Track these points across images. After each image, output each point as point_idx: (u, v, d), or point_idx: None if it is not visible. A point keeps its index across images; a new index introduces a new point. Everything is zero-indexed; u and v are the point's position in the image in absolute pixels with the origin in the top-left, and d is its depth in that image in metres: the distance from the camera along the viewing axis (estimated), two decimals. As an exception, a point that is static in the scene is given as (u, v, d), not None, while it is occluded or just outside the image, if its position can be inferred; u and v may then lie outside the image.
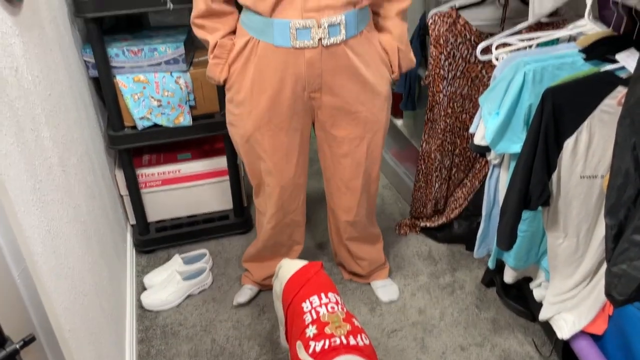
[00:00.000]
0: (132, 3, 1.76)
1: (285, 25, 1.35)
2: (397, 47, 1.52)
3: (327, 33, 1.36)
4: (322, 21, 1.35)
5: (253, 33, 1.41)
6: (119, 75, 1.90)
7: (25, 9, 1.28)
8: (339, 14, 1.36)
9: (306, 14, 1.34)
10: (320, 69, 1.41)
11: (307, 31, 1.35)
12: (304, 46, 1.37)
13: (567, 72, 1.35)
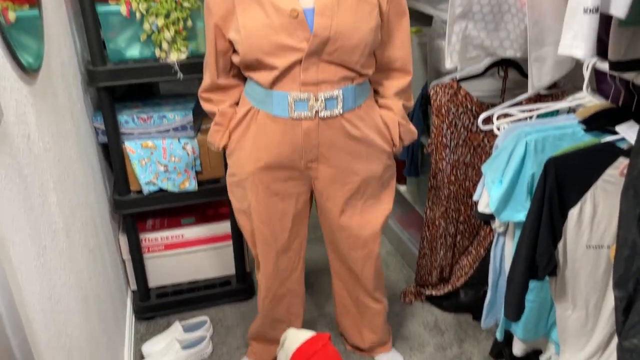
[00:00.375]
0: (143, 73, 1.82)
1: (284, 97, 1.39)
2: (397, 122, 1.56)
3: (324, 106, 1.40)
4: (319, 95, 1.39)
5: (254, 102, 1.46)
6: (127, 141, 1.94)
7: (41, 79, 1.33)
8: (336, 89, 1.41)
9: (304, 87, 1.38)
10: (316, 139, 1.44)
11: (304, 103, 1.40)
12: (301, 117, 1.41)
13: (568, 143, 1.37)
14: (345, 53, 1.36)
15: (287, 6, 1.32)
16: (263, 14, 1.33)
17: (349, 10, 1.34)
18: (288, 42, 1.33)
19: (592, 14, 1.01)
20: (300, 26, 1.32)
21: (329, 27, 1.32)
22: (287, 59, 1.35)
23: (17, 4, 1.25)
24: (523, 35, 1.51)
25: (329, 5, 1.33)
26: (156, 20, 1.73)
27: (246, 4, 1.35)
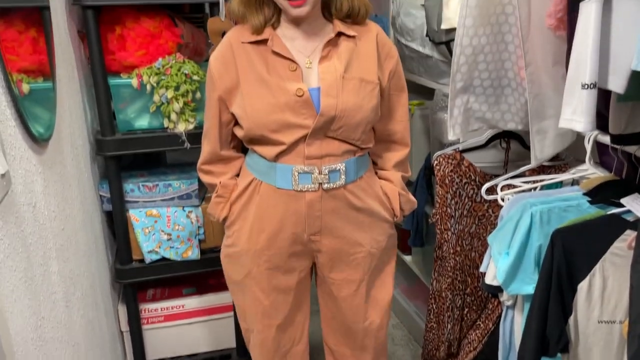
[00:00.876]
0: (151, 143, 1.86)
1: (287, 169, 1.40)
2: (398, 192, 1.57)
3: (328, 178, 1.42)
4: (322, 168, 1.41)
5: (256, 174, 1.46)
6: (132, 210, 1.94)
7: (50, 148, 1.35)
8: (340, 162, 1.42)
9: (308, 161, 1.40)
10: (320, 210, 1.44)
11: (308, 176, 1.41)
12: (305, 189, 1.41)
13: (574, 215, 1.36)
14: (348, 130, 1.40)
15: (293, 86, 1.35)
16: (269, 93, 1.36)
17: (352, 90, 1.38)
18: (294, 120, 1.36)
19: (590, 89, 1.03)
20: (305, 105, 1.35)
21: (334, 106, 1.36)
22: (293, 136, 1.37)
23: (31, 77, 1.29)
24: (524, 108, 1.54)
25: (334, 86, 1.37)
26: (166, 92, 1.79)
27: (251, 81, 1.38)
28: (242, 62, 1.39)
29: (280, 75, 1.37)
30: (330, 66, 1.38)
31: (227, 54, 1.41)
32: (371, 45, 1.43)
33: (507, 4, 1.45)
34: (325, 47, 1.39)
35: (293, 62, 1.37)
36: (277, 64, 1.38)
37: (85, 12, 1.70)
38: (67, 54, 1.68)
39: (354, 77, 1.39)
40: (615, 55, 1.02)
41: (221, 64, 1.41)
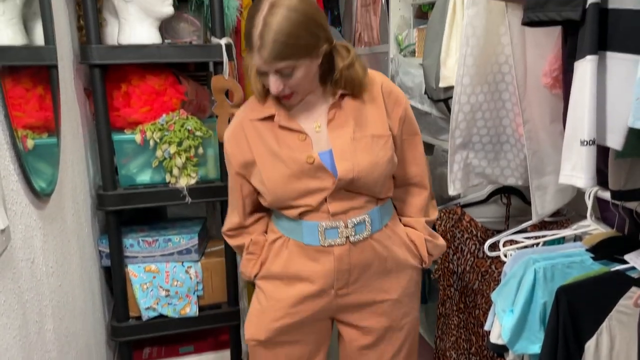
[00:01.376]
0: (153, 198, 1.86)
1: (313, 226, 1.40)
2: (424, 239, 1.54)
3: (354, 231, 1.41)
4: (348, 221, 1.41)
5: (283, 232, 1.47)
6: (130, 265, 1.92)
7: (52, 203, 1.35)
8: (364, 213, 1.42)
9: (333, 217, 1.40)
10: (349, 264, 1.43)
11: (334, 231, 1.41)
12: (333, 244, 1.41)
13: (578, 271, 1.35)
14: (367, 186, 1.40)
15: (302, 155, 1.36)
16: (283, 165, 1.37)
17: (365, 148, 1.38)
18: (313, 185, 1.37)
19: (590, 146, 1.04)
20: (320, 169, 1.36)
21: (351, 169, 1.36)
22: (315, 199, 1.38)
23: (36, 133, 1.31)
24: (523, 164, 1.56)
25: (347, 149, 1.37)
26: (169, 147, 1.81)
27: (265, 156, 1.39)
28: (253, 138, 1.41)
29: (290, 147, 1.38)
30: (339, 128, 1.39)
31: (239, 133, 1.43)
32: (377, 97, 1.43)
33: (503, 63, 1.49)
34: (330, 110, 1.40)
35: (302, 133, 1.39)
36: (286, 137, 1.39)
37: (92, 71, 1.75)
38: (73, 111, 1.71)
39: (364, 135, 1.39)
40: (612, 112, 1.04)
41: (234, 143, 1.44)
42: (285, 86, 1.30)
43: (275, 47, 1.22)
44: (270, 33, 1.22)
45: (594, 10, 1.01)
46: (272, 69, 1.26)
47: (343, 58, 1.36)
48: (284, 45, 1.22)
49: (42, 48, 1.39)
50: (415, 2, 2.37)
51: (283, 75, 1.28)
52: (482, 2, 1.40)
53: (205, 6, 1.90)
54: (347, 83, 1.37)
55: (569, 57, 1.12)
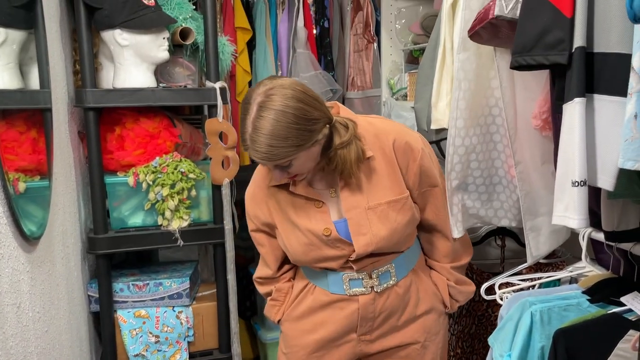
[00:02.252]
0: (144, 241, 1.84)
1: (338, 276, 1.40)
2: (446, 284, 1.52)
3: (379, 281, 1.41)
4: (372, 272, 1.40)
5: (310, 279, 1.47)
6: (120, 310, 1.88)
7: (41, 246, 1.33)
8: (389, 262, 1.42)
9: (358, 270, 1.40)
10: (373, 312, 1.42)
11: (359, 281, 1.40)
12: (358, 293, 1.41)
13: (574, 314, 1.33)
14: (389, 248, 1.40)
15: (319, 227, 1.35)
16: (301, 234, 1.37)
17: (381, 217, 1.34)
18: (332, 253, 1.37)
19: (581, 187, 1.04)
20: (337, 241, 1.36)
21: (369, 243, 1.35)
22: (337, 263, 1.39)
23: (28, 175, 1.31)
24: (516, 205, 1.55)
25: (363, 222, 1.34)
26: (161, 190, 1.80)
27: (283, 222, 1.40)
28: (272, 204, 1.41)
29: (308, 215, 1.37)
30: (351, 200, 1.36)
31: (258, 195, 1.43)
32: (389, 158, 1.36)
33: (493, 106, 1.51)
34: (341, 179, 1.35)
35: (319, 201, 1.37)
36: (303, 204, 1.38)
37: (86, 114, 1.76)
38: (66, 154, 1.71)
39: (380, 203, 1.35)
40: (602, 153, 1.05)
41: (254, 204, 1.44)
42: (288, 174, 1.28)
43: (268, 151, 1.18)
44: (260, 137, 1.17)
45: (580, 54, 1.03)
46: (270, 164, 1.24)
47: (340, 136, 1.29)
48: (276, 148, 1.18)
49: (37, 92, 1.40)
50: (406, 48, 2.43)
51: (282, 168, 1.25)
52: (472, 47, 1.43)
53: (201, 51, 1.94)
54: (339, 163, 1.30)
55: (557, 99, 1.14)
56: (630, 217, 1.19)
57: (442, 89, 1.64)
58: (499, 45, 1.35)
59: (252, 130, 1.18)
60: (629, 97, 0.91)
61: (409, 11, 2.44)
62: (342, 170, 1.31)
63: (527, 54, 1.11)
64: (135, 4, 1.72)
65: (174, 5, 1.88)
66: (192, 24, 1.89)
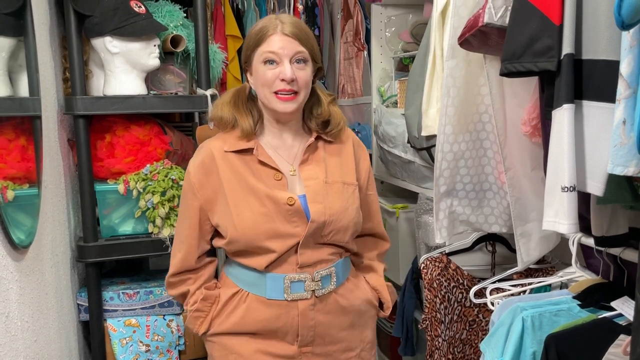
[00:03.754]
0: (135, 249, 1.83)
1: (279, 279, 1.35)
2: (384, 284, 1.54)
3: (320, 284, 1.39)
4: (315, 274, 1.38)
5: (242, 285, 1.39)
6: (109, 319, 1.86)
7: (30, 255, 1.32)
8: (330, 265, 1.40)
9: (301, 269, 1.37)
10: (313, 319, 1.39)
11: (300, 284, 1.37)
12: (297, 298, 1.37)
13: (565, 319, 1.34)
14: (338, 234, 1.39)
15: (283, 195, 1.34)
16: (258, 202, 1.33)
17: (336, 194, 1.39)
18: (285, 229, 1.34)
19: (570, 192, 1.05)
20: (296, 213, 1.34)
21: (323, 212, 1.35)
22: (285, 244, 1.34)
23: (17, 184, 1.30)
24: (507, 211, 1.57)
25: (320, 192, 1.37)
26: (152, 197, 1.79)
27: (237, 190, 1.35)
28: (225, 171, 1.36)
29: (267, 184, 1.36)
30: (312, 172, 1.39)
31: (209, 163, 1.37)
32: (348, 149, 1.46)
33: (483, 112, 1.52)
34: (306, 152, 1.39)
35: (278, 172, 1.37)
36: (262, 173, 1.36)
37: (76, 121, 1.75)
38: (55, 161, 1.70)
39: (336, 181, 1.40)
40: (591, 159, 1.06)
41: (203, 173, 1.37)
42: (297, 79, 1.29)
43: (296, 27, 1.30)
44: (287, 18, 1.32)
45: (568, 61, 1.04)
46: (290, 51, 1.28)
47: (325, 95, 1.43)
48: (301, 31, 1.30)
49: (26, 99, 1.39)
50: (396, 56, 2.44)
51: (296, 66, 1.30)
52: (461, 54, 1.44)
53: (192, 58, 1.94)
54: (331, 117, 1.41)
55: (546, 105, 1.15)
56: (620, 222, 1.21)
57: (433, 96, 1.65)
58: (488, 52, 1.37)
59: (275, 17, 1.32)
60: (617, 103, 0.92)
61: (398, 19, 2.45)
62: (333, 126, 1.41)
63: (516, 61, 1.13)
64: (125, 12, 1.72)
65: (165, 12, 1.88)
66: (183, 32, 1.89)
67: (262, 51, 1.29)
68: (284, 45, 1.28)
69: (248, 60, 1.35)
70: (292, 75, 1.28)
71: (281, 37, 1.28)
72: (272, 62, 1.29)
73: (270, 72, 1.29)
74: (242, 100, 1.40)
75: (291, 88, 1.30)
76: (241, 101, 1.40)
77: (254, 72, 1.34)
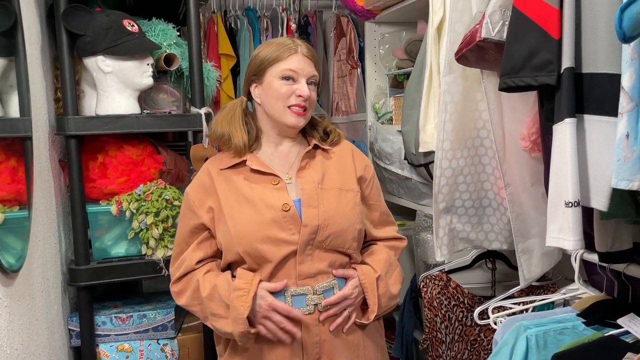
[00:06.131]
0: (128, 271, 1.79)
1: (280, 293, 1.34)
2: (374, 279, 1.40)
3: (323, 297, 1.36)
4: (316, 287, 1.35)
5: None
6: (102, 345, 1.82)
7: (20, 280, 1.28)
8: (332, 278, 1.38)
9: (301, 281, 1.35)
10: (318, 335, 1.36)
11: (302, 297, 1.35)
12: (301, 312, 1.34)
13: (570, 337, 1.31)
14: (337, 239, 1.37)
15: (279, 201, 1.35)
16: (253, 210, 1.34)
17: (332, 197, 1.39)
18: (281, 235, 1.33)
19: (575, 207, 1.03)
20: (292, 219, 1.34)
21: (316, 215, 1.35)
22: (281, 251, 1.33)
23: (7, 206, 1.26)
24: (507, 227, 1.54)
25: (314, 196, 1.37)
26: (145, 218, 1.76)
27: (233, 203, 1.36)
28: (222, 188, 1.38)
29: (265, 191, 1.37)
30: (308, 177, 1.40)
31: (207, 182, 1.41)
32: (347, 157, 1.47)
33: (481, 128, 1.51)
34: (304, 158, 1.42)
35: (275, 177, 1.38)
36: (259, 182, 1.38)
37: (68, 142, 1.72)
38: (46, 183, 1.67)
39: (332, 187, 1.40)
40: (594, 173, 1.04)
41: (201, 191, 1.41)
42: (310, 96, 1.37)
43: (312, 51, 1.40)
44: (304, 42, 1.40)
45: (569, 75, 1.03)
46: (307, 73, 1.37)
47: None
48: (315, 56, 1.41)
49: (17, 120, 1.37)
50: (390, 73, 2.44)
51: (309, 87, 1.37)
52: (458, 69, 1.43)
53: (185, 77, 1.92)
54: (331, 128, 1.49)
55: (546, 120, 1.13)
56: (624, 238, 1.19)
57: (430, 111, 1.64)
58: (485, 67, 1.36)
59: (289, 38, 1.40)
60: (620, 116, 0.91)
61: (392, 36, 2.45)
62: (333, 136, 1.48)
63: (515, 76, 1.11)
64: (118, 31, 1.71)
65: (158, 31, 1.87)
66: (177, 50, 1.88)
67: (282, 68, 1.35)
68: (303, 66, 1.36)
69: (259, 74, 1.39)
70: (309, 93, 1.36)
71: (302, 58, 1.36)
72: (289, 78, 1.36)
73: (286, 87, 1.36)
74: (237, 115, 1.43)
75: (304, 104, 1.37)
76: (236, 116, 1.42)
77: (266, 85, 1.38)
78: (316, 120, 1.49)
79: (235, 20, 2.79)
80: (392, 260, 1.48)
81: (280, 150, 1.44)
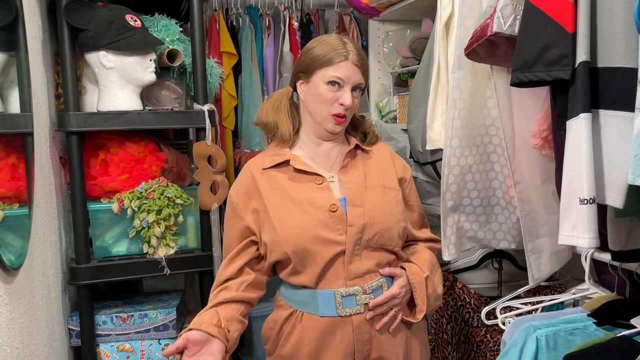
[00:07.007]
0: (129, 270, 1.77)
1: (329, 294, 1.33)
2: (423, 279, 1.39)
3: (373, 297, 1.34)
4: (365, 287, 1.34)
5: (295, 306, 1.38)
6: (102, 345, 1.79)
7: (20, 277, 1.26)
8: (380, 276, 1.37)
9: (350, 281, 1.33)
10: (369, 333, 1.35)
11: (352, 298, 1.33)
12: (351, 313, 1.33)
13: (581, 338, 1.29)
14: (384, 237, 1.36)
15: (326, 202, 1.34)
16: (300, 210, 1.33)
17: (375, 195, 1.38)
18: (329, 235, 1.32)
19: (590, 204, 1.01)
20: (339, 219, 1.33)
21: (362, 214, 1.34)
22: (329, 252, 1.32)
23: (7, 203, 1.24)
24: (515, 227, 1.52)
25: (358, 195, 1.36)
26: (147, 216, 1.73)
27: (278, 203, 1.35)
28: (265, 188, 1.37)
29: (310, 191, 1.36)
30: (352, 176, 1.39)
31: (249, 183, 1.40)
32: (386, 157, 1.47)
33: (490, 125, 1.49)
34: (345, 158, 1.41)
35: (319, 176, 1.37)
36: (302, 182, 1.37)
37: (69, 138, 1.70)
38: (47, 180, 1.64)
39: (375, 185, 1.40)
40: (609, 170, 1.02)
41: (244, 194, 1.39)
42: (352, 105, 1.36)
43: (362, 57, 1.36)
44: (355, 46, 1.36)
45: (584, 69, 1.01)
46: (354, 81, 1.35)
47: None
48: (365, 62, 1.38)
49: (18, 116, 1.34)
50: (394, 71, 2.42)
51: (353, 93, 1.36)
52: (467, 65, 1.41)
53: (188, 73, 1.89)
54: (369, 130, 1.48)
55: (559, 116, 1.11)
56: (638, 236, 1.17)
57: (437, 108, 1.62)
58: (496, 63, 1.34)
59: (343, 41, 1.36)
60: (637, 111, 0.89)
61: (396, 34, 2.43)
62: (371, 137, 1.48)
63: (528, 71, 1.09)
64: (120, 26, 1.68)
65: (161, 27, 1.85)
66: (179, 46, 1.85)
67: (330, 74, 1.34)
68: (351, 75, 1.34)
69: (308, 72, 1.37)
70: (351, 102, 1.35)
71: (351, 66, 1.34)
72: (334, 84, 1.34)
73: (331, 94, 1.35)
74: (283, 104, 1.44)
75: (345, 113, 1.36)
76: (283, 105, 1.43)
77: (312, 86, 1.37)
78: (358, 120, 1.49)
79: (237, 18, 2.77)
80: (434, 261, 1.47)
81: (321, 149, 1.42)
